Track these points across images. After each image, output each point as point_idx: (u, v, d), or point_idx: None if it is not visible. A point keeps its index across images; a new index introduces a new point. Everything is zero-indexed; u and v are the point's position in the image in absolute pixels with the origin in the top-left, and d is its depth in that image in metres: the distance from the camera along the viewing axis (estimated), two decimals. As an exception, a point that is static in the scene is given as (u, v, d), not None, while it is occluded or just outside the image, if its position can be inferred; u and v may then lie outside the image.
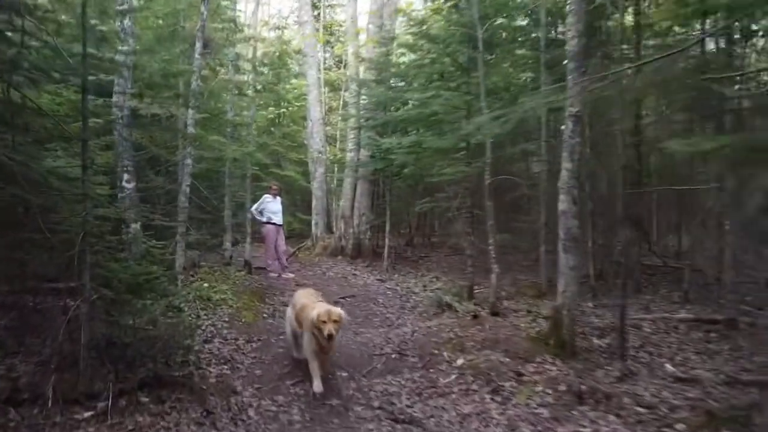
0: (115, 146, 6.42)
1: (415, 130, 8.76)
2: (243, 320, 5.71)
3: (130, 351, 3.81)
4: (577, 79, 4.58)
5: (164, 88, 5.07)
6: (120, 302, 4.05)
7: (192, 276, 6.80)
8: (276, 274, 9.36)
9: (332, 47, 20.17)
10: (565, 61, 4.95)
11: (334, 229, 12.27)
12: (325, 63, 19.20)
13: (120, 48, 4.82)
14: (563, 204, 4.63)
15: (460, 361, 4.47)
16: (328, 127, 16.80)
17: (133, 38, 4.82)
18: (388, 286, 8.75)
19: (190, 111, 5.66)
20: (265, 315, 6.23)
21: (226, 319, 5.58)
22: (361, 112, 11.31)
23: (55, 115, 4.52)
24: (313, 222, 12.32)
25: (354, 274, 10.07)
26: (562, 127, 5.44)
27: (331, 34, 20.29)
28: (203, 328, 5.25)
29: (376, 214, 11.71)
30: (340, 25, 21.12)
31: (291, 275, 9.47)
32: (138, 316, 3.89)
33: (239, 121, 8.60)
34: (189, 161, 5.77)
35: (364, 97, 11.45)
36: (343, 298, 7.66)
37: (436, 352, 4.77)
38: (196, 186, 7.85)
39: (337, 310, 4.12)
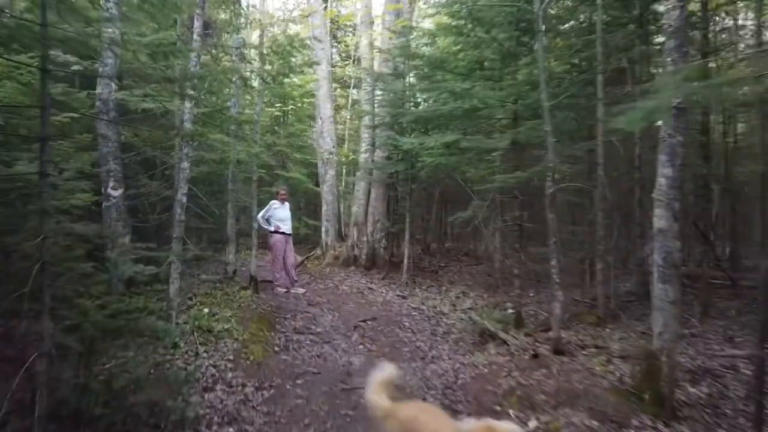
0: (99, 146, 5.45)
1: (444, 127, 7.72)
2: (250, 357, 4.71)
3: (104, 423, 2.83)
4: (679, 61, 3.59)
5: (154, 72, 4.08)
6: (92, 354, 3.07)
7: (190, 299, 5.81)
8: (284, 289, 8.37)
9: (339, 42, 19.17)
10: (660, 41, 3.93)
11: (346, 237, 11.27)
12: (332, 59, 18.20)
13: (105, 16, 3.82)
14: (661, 221, 3.63)
15: (533, 424, 3.47)
16: (339, 126, 15.79)
17: (119, 8, 3.81)
18: (412, 305, 7.75)
19: (187, 104, 4.67)
20: (276, 348, 5.23)
21: (231, 357, 4.58)
22: (377, 109, 10.29)
23: (11, 106, 3.54)
24: (323, 229, 11.32)
25: (370, 288, 9.07)
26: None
27: (339, 28, 19.30)
28: (203, 370, 4.26)
29: (391, 221, 10.69)
30: (349, 19, 20.17)
31: (301, 290, 8.48)
32: (116, 379, 2.90)
33: (244, 118, 7.61)
34: (186, 164, 4.77)
35: (379, 92, 10.45)
36: (363, 321, 6.66)
37: (497, 408, 3.77)
38: (195, 192, 6.88)
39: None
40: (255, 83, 7.04)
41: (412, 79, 9.47)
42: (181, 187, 4.70)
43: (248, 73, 7.15)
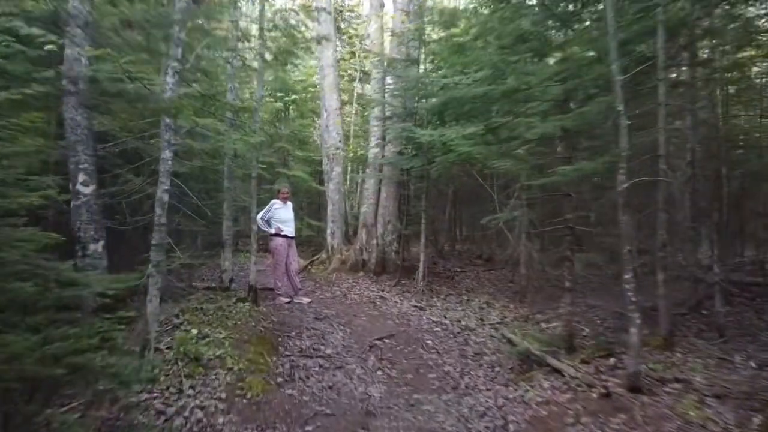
0: (66, 134, 4.54)
1: (470, 115, 6.81)
2: (248, 394, 3.79)
3: None
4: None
5: (132, 42, 3.23)
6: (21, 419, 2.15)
7: (177, 316, 4.89)
8: (287, 299, 7.46)
9: (343, 34, 18.24)
10: None
11: (354, 240, 10.35)
12: (336, 48, 17.28)
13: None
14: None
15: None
16: (345, 119, 14.84)
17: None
18: (432, 318, 6.84)
19: (170, 78, 3.75)
20: (279, 378, 4.31)
21: (223, 395, 3.67)
22: (387, 97, 9.33)
23: None
24: (328, 231, 10.40)
25: (382, 298, 8.15)
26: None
27: (343, 19, 18.38)
28: (186, 414, 3.34)
29: (404, 223, 9.77)
30: (351, 10, 19.27)
31: (306, 300, 7.57)
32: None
33: (242, 105, 6.69)
34: (168, 154, 3.85)
35: (390, 81, 9.53)
36: (379, 338, 5.74)
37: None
38: (184, 190, 5.97)
39: None
40: (255, 63, 6.09)
41: (428, 65, 8.55)
42: (162, 182, 3.78)
43: (247, 53, 6.19)
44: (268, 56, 5.71)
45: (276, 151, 14.67)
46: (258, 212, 7.28)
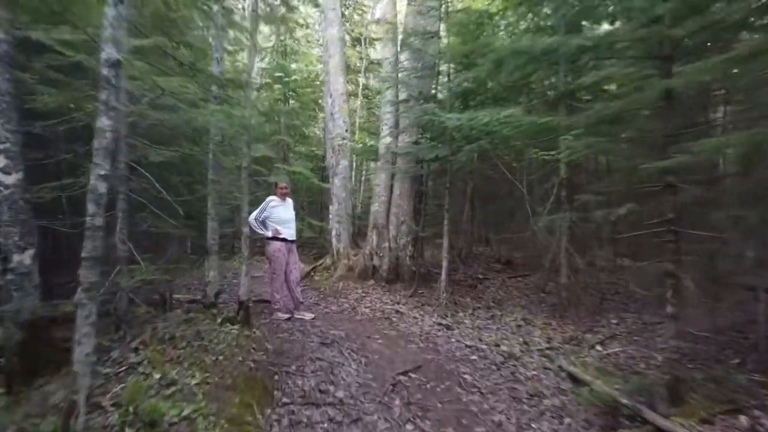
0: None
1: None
2: (226, 482, 2.53)
3: None
4: None
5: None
6: None
7: (136, 350, 3.63)
8: (286, 315, 6.24)
9: (347, 20, 16.98)
10: None
11: (362, 243, 9.09)
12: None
13: None
14: None
15: None
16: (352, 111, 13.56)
17: None
18: (464, 341, 5.58)
19: (110, 10, 2.49)
20: (274, 446, 3.05)
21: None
22: (402, 75, 8.05)
23: None
24: (333, 232, 9.13)
25: (398, 312, 6.90)
26: None
27: (346, 5, 17.12)
28: None
29: (422, 224, 8.51)
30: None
31: (308, 315, 6.35)
32: None
33: (230, 76, 5.41)
34: (105, 122, 2.58)
35: (405, 59, 8.27)
36: (404, 373, 4.48)
37: None
38: (162, 182, 4.73)
39: None
40: (246, 22, 4.84)
41: (452, 38, 7.29)
42: (98, 164, 2.52)
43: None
44: (262, 6, 4.44)
45: (275, 144, 13.45)
46: (251, 212, 6.05)
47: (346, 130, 9.10)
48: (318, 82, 14.81)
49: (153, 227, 4.87)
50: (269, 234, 6.18)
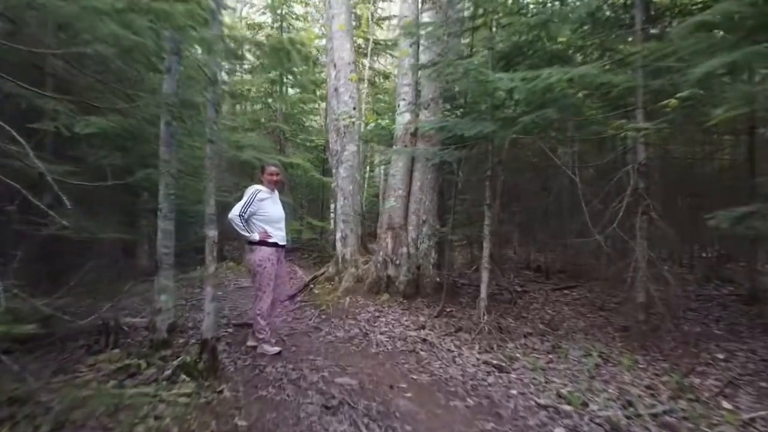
0: None
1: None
2: None
3: None
4: None
5: None
6: None
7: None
8: (275, 349, 4.57)
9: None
10: None
11: (374, 247, 7.35)
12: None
13: None
14: None
15: None
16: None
17: None
18: (536, 397, 3.81)
19: None
20: None
21: None
22: (426, 31, 6.25)
23: None
24: (338, 234, 7.38)
25: (426, 341, 5.18)
26: None
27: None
28: None
29: (451, 224, 6.76)
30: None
31: (274, 350, 4.63)
32: None
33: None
34: None
35: (427, 8, 6.52)
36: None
37: None
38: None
39: None
40: None
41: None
42: None
43: None
44: None
45: (270, 132, 11.72)
46: (233, 208, 4.33)
47: (354, 108, 7.34)
48: (319, 61, 13.07)
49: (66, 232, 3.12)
50: (256, 237, 4.46)
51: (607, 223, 5.39)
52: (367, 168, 14.97)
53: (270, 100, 12.61)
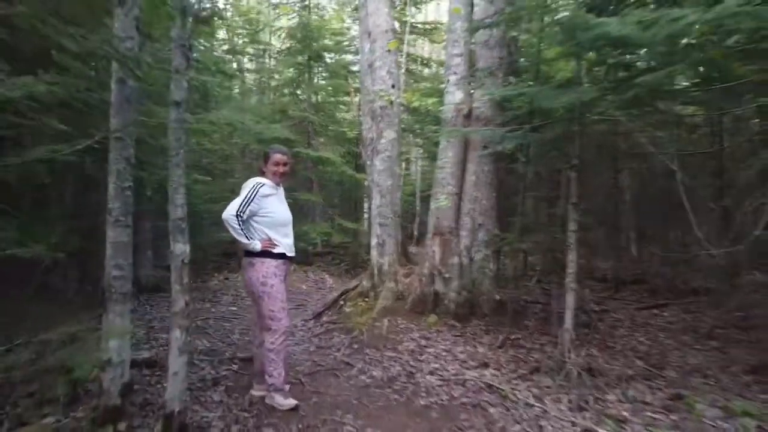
0: None
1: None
2: None
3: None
4: None
5: None
6: None
7: None
8: (292, 403, 3.31)
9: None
10: None
11: (418, 256, 6.01)
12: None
13: None
14: None
15: None
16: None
17: None
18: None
19: None
20: None
21: None
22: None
23: None
24: (373, 240, 6.07)
25: (493, 388, 3.83)
26: None
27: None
28: None
29: (517, 228, 5.37)
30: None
31: (289, 403, 3.38)
32: None
33: None
34: None
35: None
36: None
37: None
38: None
39: None
40: None
41: None
42: None
43: None
44: None
45: (295, 124, 10.54)
46: (234, 205, 3.12)
47: (393, 86, 6.00)
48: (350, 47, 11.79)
49: None
50: (257, 246, 3.22)
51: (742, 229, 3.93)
52: (402, 164, 13.65)
53: (297, 91, 11.44)
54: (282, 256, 3.31)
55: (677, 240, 7.07)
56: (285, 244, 3.33)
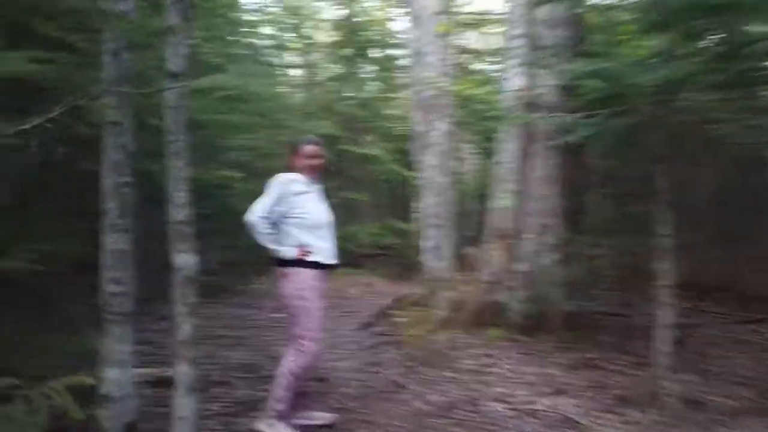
0: None
1: None
2: None
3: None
4: None
5: None
6: None
7: None
8: None
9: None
10: None
11: (476, 262, 5.46)
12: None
13: None
14: None
15: None
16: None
17: None
18: None
19: None
20: None
21: None
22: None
23: None
24: (427, 244, 5.55)
25: (572, 422, 3.23)
26: None
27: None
28: None
29: (589, 231, 4.72)
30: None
31: (326, 416, 2.89)
32: None
33: None
34: None
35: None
36: None
37: None
38: None
39: None
40: None
41: None
42: None
43: None
44: None
45: (345, 121, 10.17)
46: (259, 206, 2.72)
47: (445, 70, 5.46)
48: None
49: None
50: (291, 253, 2.77)
51: None
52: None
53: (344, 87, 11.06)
54: (318, 264, 2.85)
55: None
56: (323, 249, 2.86)
